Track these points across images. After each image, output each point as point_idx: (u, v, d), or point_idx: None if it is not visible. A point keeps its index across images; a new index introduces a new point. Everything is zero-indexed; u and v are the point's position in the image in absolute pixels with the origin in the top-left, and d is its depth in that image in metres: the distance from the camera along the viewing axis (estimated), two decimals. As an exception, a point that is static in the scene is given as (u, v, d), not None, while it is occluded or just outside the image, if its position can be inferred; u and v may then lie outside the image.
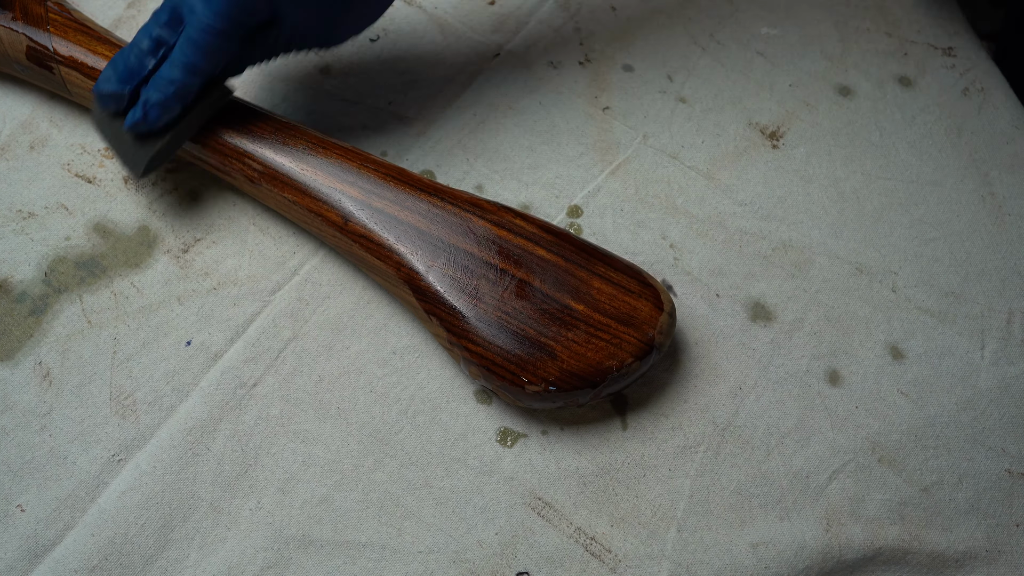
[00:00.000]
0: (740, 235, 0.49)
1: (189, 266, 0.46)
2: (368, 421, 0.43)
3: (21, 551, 0.39)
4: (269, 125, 0.44)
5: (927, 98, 0.54)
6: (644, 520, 0.42)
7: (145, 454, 0.41)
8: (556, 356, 0.40)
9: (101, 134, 0.43)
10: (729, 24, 0.56)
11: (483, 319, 0.40)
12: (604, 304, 0.41)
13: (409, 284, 0.42)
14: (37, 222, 0.46)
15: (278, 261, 0.46)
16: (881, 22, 0.57)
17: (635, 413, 0.44)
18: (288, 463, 0.42)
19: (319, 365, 0.44)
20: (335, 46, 0.46)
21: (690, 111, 0.52)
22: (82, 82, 0.45)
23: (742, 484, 0.43)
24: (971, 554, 0.42)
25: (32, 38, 0.45)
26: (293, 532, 0.41)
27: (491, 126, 0.51)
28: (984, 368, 0.46)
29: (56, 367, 0.43)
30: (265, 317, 0.45)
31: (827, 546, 0.42)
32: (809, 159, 0.51)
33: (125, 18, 0.52)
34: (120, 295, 0.45)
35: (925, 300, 0.48)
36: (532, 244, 0.42)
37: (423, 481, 0.42)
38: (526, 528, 0.41)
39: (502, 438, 0.43)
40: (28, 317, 0.44)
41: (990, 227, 0.50)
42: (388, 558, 0.40)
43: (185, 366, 0.43)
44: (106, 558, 0.39)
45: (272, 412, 0.43)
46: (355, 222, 0.42)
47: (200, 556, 0.40)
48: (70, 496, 0.40)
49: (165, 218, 0.47)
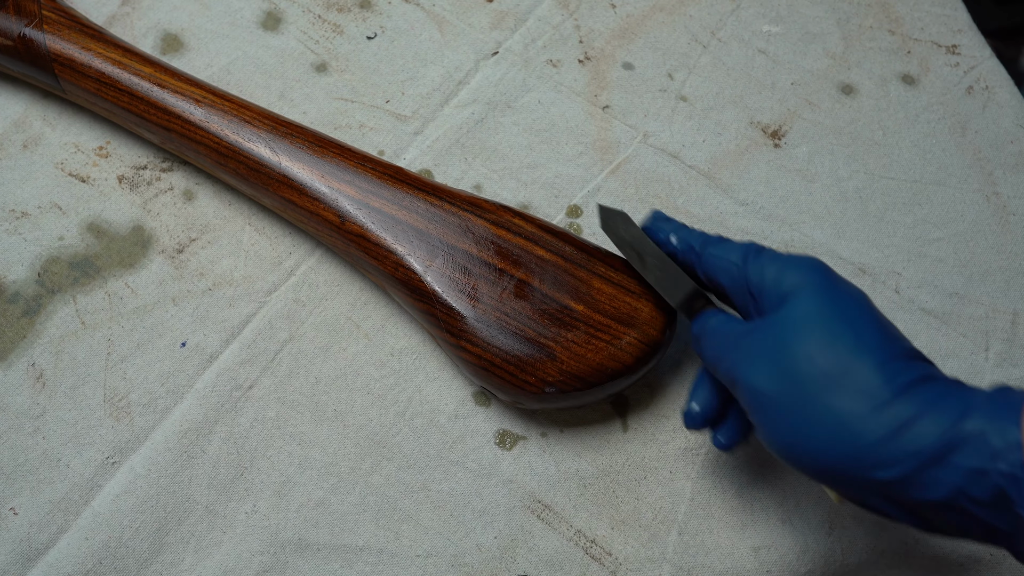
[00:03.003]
0: (741, 235, 0.48)
1: (184, 266, 0.45)
2: (365, 423, 0.43)
3: (14, 555, 0.39)
4: (265, 123, 0.44)
5: (931, 96, 0.53)
6: (645, 523, 0.41)
7: (139, 457, 0.41)
8: (556, 357, 0.39)
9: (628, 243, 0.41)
10: (730, 22, 0.55)
11: (482, 320, 0.40)
12: (604, 304, 0.40)
13: (407, 284, 0.41)
14: (30, 222, 0.46)
15: (274, 261, 0.46)
16: (884, 19, 0.56)
17: (636, 415, 0.44)
18: (284, 466, 0.41)
19: (316, 367, 0.43)
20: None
21: (691, 110, 0.52)
22: (76, 80, 0.45)
23: (743, 487, 0.42)
24: (975, 558, 0.42)
25: (26, 35, 0.45)
26: (289, 536, 0.40)
27: (489, 125, 0.51)
28: (988, 370, 0.46)
29: (49, 368, 0.42)
30: (261, 318, 0.44)
31: (830, 549, 0.41)
32: (811, 158, 0.51)
33: (119, 15, 0.51)
34: (114, 296, 0.44)
35: (928, 301, 0.47)
36: (531, 244, 0.42)
37: (421, 484, 0.41)
38: (526, 531, 0.41)
39: (501, 440, 0.43)
40: (21, 318, 0.43)
41: (994, 227, 0.50)
42: (386, 562, 0.40)
43: (180, 368, 0.43)
44: (100, 562, 0.39)
45: (268, 414, 0.42)
46: (352, 221, 0.42)
47: (195, 560, 0.39)
48: (63, 499, 0.40)
49: (160, 218, 0.46)
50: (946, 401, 0.29)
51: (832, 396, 0.31)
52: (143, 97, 0.44)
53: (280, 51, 0.51)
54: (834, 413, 0.31)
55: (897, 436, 0.29)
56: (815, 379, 0.31)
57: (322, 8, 0.53)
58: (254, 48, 0.51)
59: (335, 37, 0.52)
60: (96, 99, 0.45)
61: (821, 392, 0.31)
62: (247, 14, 0.52)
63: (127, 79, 0.44)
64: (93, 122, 0.49)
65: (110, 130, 0.48)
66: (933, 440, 0.29)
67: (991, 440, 0.28)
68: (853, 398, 0.30)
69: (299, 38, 0.52)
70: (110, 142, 0.48)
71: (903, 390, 0.30)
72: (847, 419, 0.30)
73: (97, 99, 0.45)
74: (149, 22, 0.51)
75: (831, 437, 0.31)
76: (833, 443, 0.31)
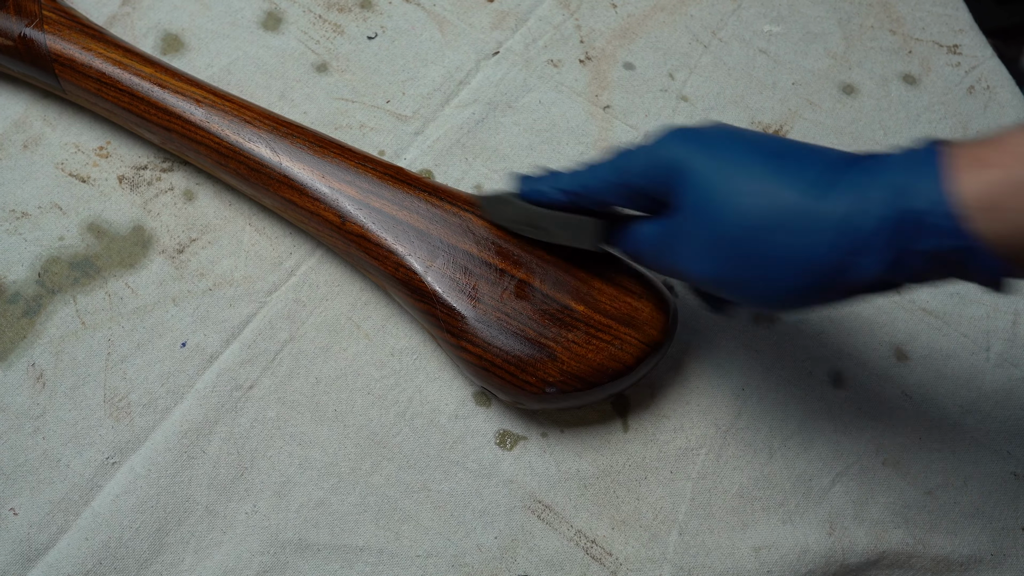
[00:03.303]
0: (742, 235, 0.48)
1: (184, 267, 0.45)
2: (366, 424, 0.42)
3: (14, 555, 0.39)
4: (265, 123, 0.44)
5: (932, 96, 0.53)
6: (645, 523, 0.41)
7: (139, 457, 0.41)
8: (556, 357, 0.39)
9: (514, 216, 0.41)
10: (731, 21, 0.55)
11: (482, 320, 0.40)
12: (605, 305, 0.40)
13: (407, 285, 0.41)
14: (30, 222, 0.46)
15: (274, 262, 0.46)
16: (885, 19, 0.56)
17: (636, 415, 0.43)
18: (284, 466, 0.41)
19: (316, 367, 0.43)
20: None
21: (692, 109, 0.52)
22: (76, 80, 0.45)
23: (744, 487, 0.42)
24: (976, 558, 0.42)
25: (26, 35, 0.45)
26: (289, 536, 0.40)
27: (490, 125, 0.50)
28: (989, 370, 0.46)
29: (49, 369, 0.42)
30: (261, 318, 0.44)
31: (830, 550, 0.41)
32: (812, 158, 0.51)
33: (120, 15, 0.51)
34: (114, 296, 0.44)
35: (929, 301, 0.47)
36: (532, 244, 0.42)
37: (421, 484, 0.41)
38: (526, 531, 0.41)
39: (501, 440, 0.43)
40: (21, 318, 0.43)
41: (995, 227, 0.49)
42: (386, 562, 0.40)
43: (180, 368, 0.43)
44: (100, 562, 0.39)
45: (268, 415, 0.42)
46: (353, 222, 0.42)
47: (195, 560, 0.39)
48: (63, 499, 0.40)
49: (160, 218, 0.46)
50: (876, 178, 0.30)
51: (781, 236, 0.31)
52: (143, 97, 0.44)
53: (281, 51, 0.51)
54: (788, 247, 0.31)
55: (851, 231, 0.30)
56: (757, 233, 0.31)
57: (323, 8, 0.53)
58: (255, 48, 0.51)
59: (336, 37, 0.52)
60: (96, 99, 0.45)
61: (770, 239, 0.31)
62: (247, 14, 0.52)
63: (127, 79, 0.44)
64: (93, 122, 0.49)
65: (110, 130, 0.48)
66: (880, 220, 0.29)
67: (922, 195, 0.29)
68: (797, 226, 0.31)
69: (300, 38, 0.52)
70: (110, 142, 0.48)
71: (832, 191, 0.30)
72: (801, 248, 0.31)
73: (97, 99, 0.45)
74: (149, 22, 0.51)
75: (796, 269, 0.31)
76: (799, 274, 0.31)
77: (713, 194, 0.32)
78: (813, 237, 0.31)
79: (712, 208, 0.32)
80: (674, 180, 0.34)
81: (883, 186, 0.30)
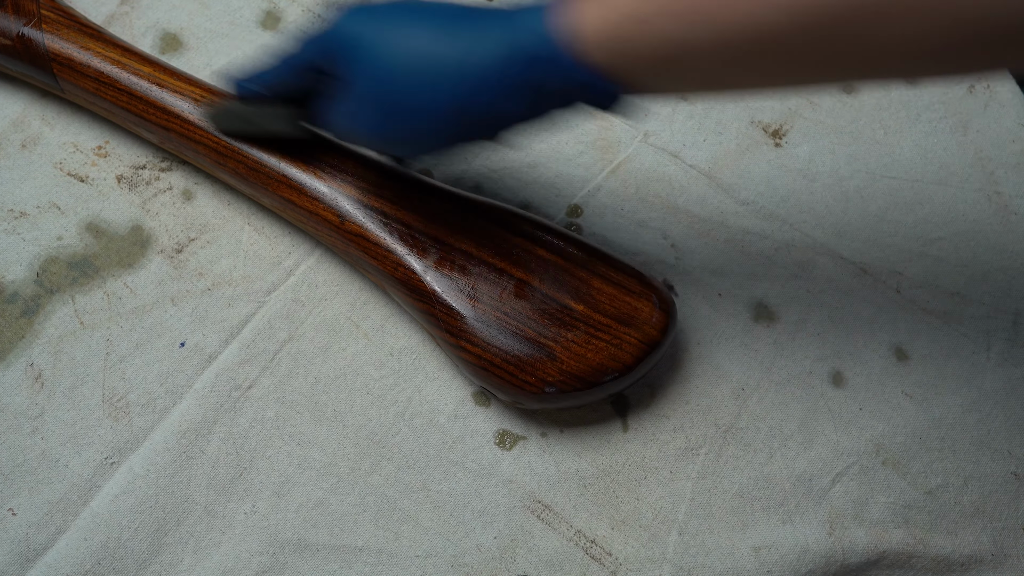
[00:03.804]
0: (742, 235, 0.48)
1: (183, 266, 0.45)
2: (365, 424, 0.42)
3: (12, 555, 0.39)
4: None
5: (932, 95, 0.53)
6: (645, 523, 0.41)
7: (138, 457, 0.41)
8: (555, 357, 0.39)
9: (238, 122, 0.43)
10: (731, 20, 0.55)
11: (481, 319, 0.40)
12: (604, 304, 0.40)
13: (406, 284, 0.41)
14: (29, 222, 0.46)
15: (273, 261, 0.46)
16: (885, 18, 0.56)
17: (636, 415, 0.43)
18: (284, 466, 0.41)
19: (315, 367, 0.43)
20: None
21: (691, 109, 0.52)
22: (75, 79, 0.45)
23: (744, 487, 0.42)
24: (977, 558, 0.42)
25: (24, 34, 0.45)
26: (289, 536, 0.40)
27: (490, 124, 0.50)
28: (990, 369, 0.46)
29: (48, 369, 0.42)
30: (260, 318, 0.44)
31: (830, 550, 0.41)
32: (812, 158, 0.51)
33: (118, 15, 0.51)
34: (113, 296, 0.44)
35: (930, 301, 0.47)
36: (531, 244, 0.42)
37: (420, 484, 0.41)
38: (525, 531, 0.41)
39: (501, 440, 0.43)
40: (19, 318, 0.43)
41: (996, 226, 0.49)
42: (385, 562, 0.40)
43: (179, 368, 0.43)
44: (99, 562, 0.39)
45: (267, 414, 0.42)
46: (352, 221, 0.42)
47: (194, 560, 0.39)
48: (62, 500, 0.40)
49: (159, 218, 0.46)
50: (496, 22, 0.33)
51: (419, 86, 0.34)
52: (142, 96, 0.44)
53: (279, 50, 0.51)
54: (424, 96, 0.34)
55: (469, 71, 0.33)
56: (404, 86, 0.34)
57: (322, 8, 0.53)
58: (254, 47, 0.51)
59: (335, 36, 0.52)
60: (95, 98, 0.45)
61: (412, 91, 0.34)
62: (247, 13, 0.52)
63: (126, 78, 0.44)
64: (92, 122, 0.48)
65: (109, 130, 0.48)
66: (494, 59, 0.32)
67: (533, 32, 0.32)
68: (429, 74, 0.33)
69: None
70: (109, 142, 0.48)
71: (456, 38, 0.33)
72: (433, 94, 0.33)
73: (96, 98, 0.45)
74: (148, 21, 0.51)
75: (431, 115, 0.34)
76: (435, 119, 0.34)
77: (373, 58, 0.35)
78: (441, 83, 0.33)
79: (372, 71, 0.35)
80: (348, 53, 0.36)
81: (499, 28, 0.32)
